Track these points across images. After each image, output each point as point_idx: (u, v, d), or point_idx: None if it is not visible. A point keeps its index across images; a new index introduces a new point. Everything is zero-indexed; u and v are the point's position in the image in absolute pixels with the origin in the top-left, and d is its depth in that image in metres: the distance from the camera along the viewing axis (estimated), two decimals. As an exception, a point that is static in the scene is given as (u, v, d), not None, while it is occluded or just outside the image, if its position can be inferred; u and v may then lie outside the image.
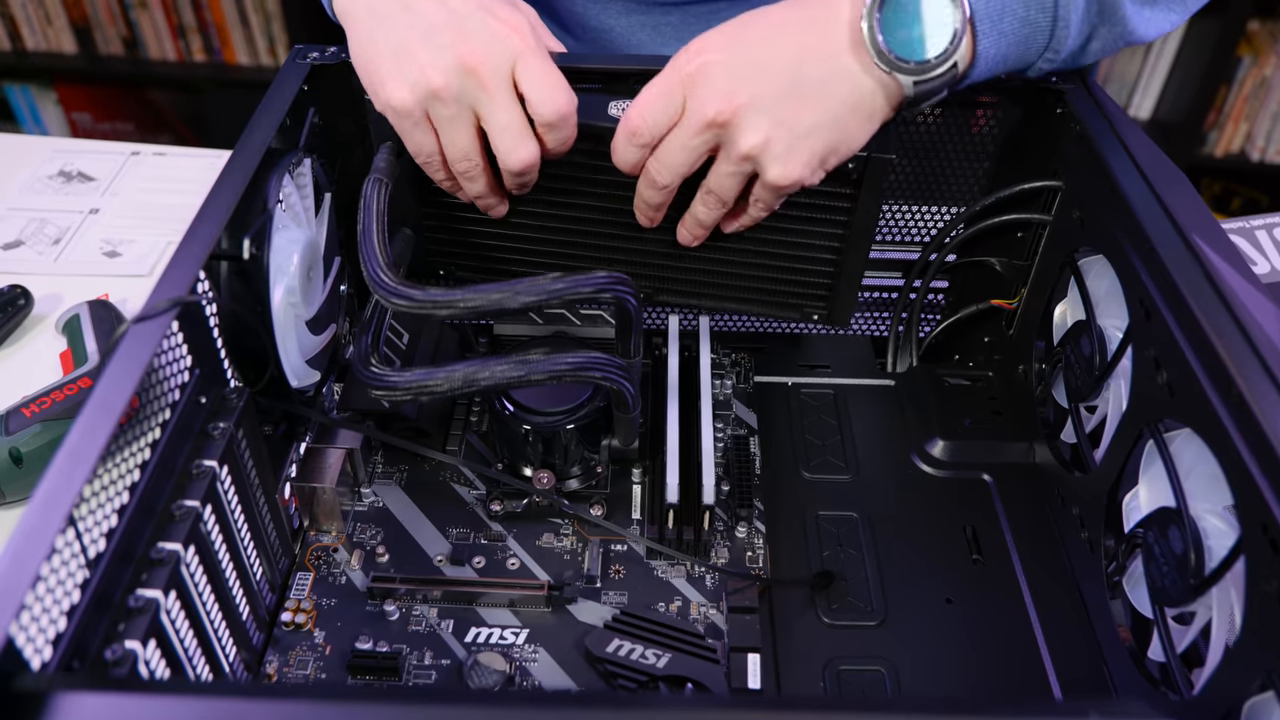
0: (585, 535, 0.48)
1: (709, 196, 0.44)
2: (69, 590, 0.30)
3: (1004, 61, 0.42)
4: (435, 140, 0.43)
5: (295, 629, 0.44)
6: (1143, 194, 0.41)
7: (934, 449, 0.53)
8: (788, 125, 0.40)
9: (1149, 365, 0.40)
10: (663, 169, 0.42)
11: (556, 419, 0.47)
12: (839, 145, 0.41)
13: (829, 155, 0.41)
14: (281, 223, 0.44)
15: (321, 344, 0.49)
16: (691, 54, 0.41)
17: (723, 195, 0.43)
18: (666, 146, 0.42)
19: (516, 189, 0.46)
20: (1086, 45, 0.43)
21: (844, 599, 0.46)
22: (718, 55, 0.40)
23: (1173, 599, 0.38)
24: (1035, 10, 0.40)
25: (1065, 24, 0.41)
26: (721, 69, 0.40)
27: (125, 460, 0.33)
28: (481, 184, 0.45)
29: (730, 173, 0.42)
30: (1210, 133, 1.46)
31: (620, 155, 0.43)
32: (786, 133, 0.40)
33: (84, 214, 0.69)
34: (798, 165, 0.40)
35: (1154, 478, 0.41)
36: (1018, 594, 0.47)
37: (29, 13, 1.52)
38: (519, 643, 0.43)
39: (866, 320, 0.59)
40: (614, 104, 0.47)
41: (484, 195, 0.46)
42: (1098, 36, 0.43)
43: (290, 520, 0.47)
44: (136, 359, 0.33)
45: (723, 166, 0.42)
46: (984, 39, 0.40)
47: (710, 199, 0.44)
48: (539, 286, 0.40)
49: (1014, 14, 0.40)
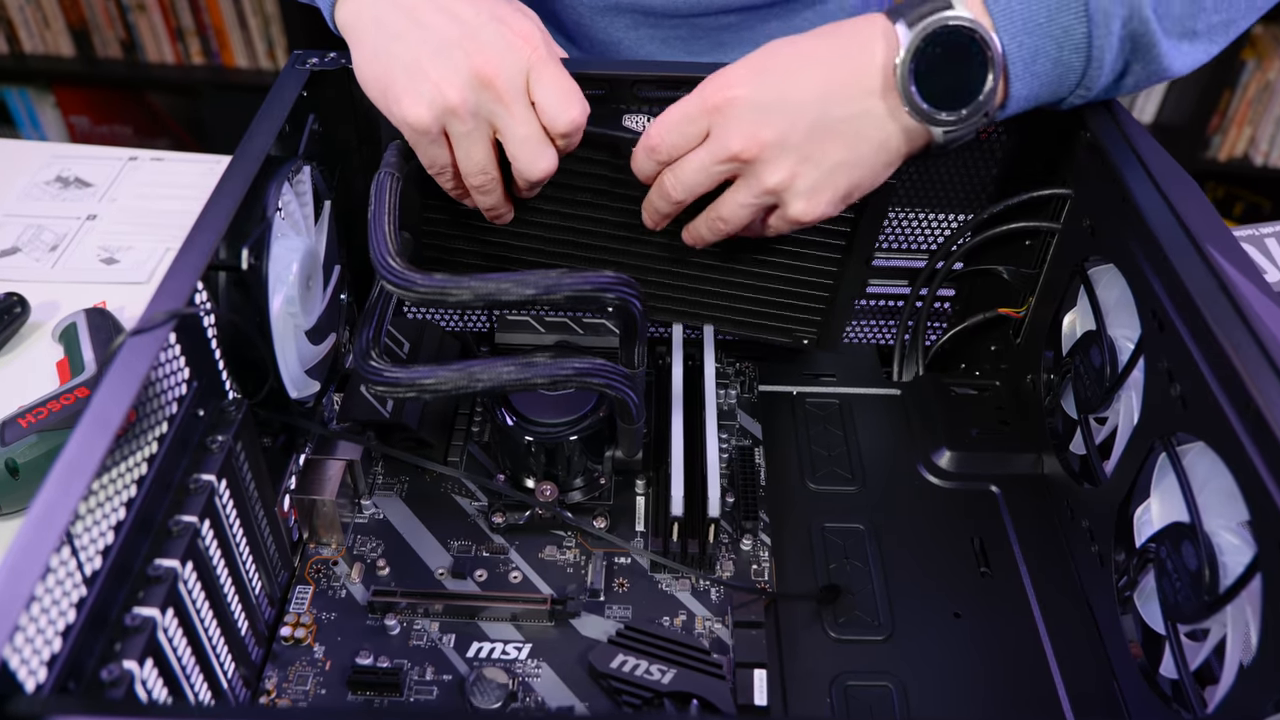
0: (589, 548, 0.47)
1: (717, 222, 0.43)
2: (64, 610, 0.30)
3: (1035, 100, 0.41)
4: (450, 154, 0.43)
5: (295, 644, 0.43)
6: (1156, 203, 0.41)
7: (941, 459, 0.52)
8: (813, 162, 0.40)
9: (1162, 377, 0.39)
10: (678, 184, 0.42)
11: (559, 430, 0.46)
12: (862, 182, 0.42)
13: (852, 191, 0.42)
14: (280, 231, 0.43)
15: (321, 354, 0.48)
16: (719, 86, 0.40)
17: (733, 223, 0.43)
18: (685, 165, 0.42)
19: (527, 194, 0.46)
20: (1120, 81, 0.42)
21: (851, 613, 0.45)
22: (744, 90, 0.40)
23: (1186, 616, 0.37)
24: (1069, 51, 0.39)
25: (1099, 64, 0.40)
26: (747, 105, 0.39)
27: (122, 476, 0.33)
28: (496, 196, 0.45)
29: (747, 204, 0.42)
30: (1214, 137, 1.45)
31: (638, 165, 0.44)
32: (812, 169, 0.40)
33: (81, 220, 0.69)
34: (821, 202, 0.41)
35: (1166, 491, 0.40)
36: (1026, 608, 0.46)
37: (26, 16, 1.52)
38: (521, 658, 0.43)
39: (872, 328, 0.58)
40: (628, 117, 0.47)
41: (496, 206, 0.46)
42: (1131, 73, 0.41)
43: (289, 533, 0.46)
44: (133, 373, 0.33)
45: (740, 196, 0.42)
46: (1016, 82, 0.40)
47: (718, 225, 0.44)
48: (543, 280, 0.39)
49: (1047, 55, 0.39)
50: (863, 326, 0.58)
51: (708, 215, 0.44)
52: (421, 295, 0.39)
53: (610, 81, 0.47)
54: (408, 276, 0.39)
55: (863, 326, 0.58)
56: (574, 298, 0.40)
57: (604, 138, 0.46)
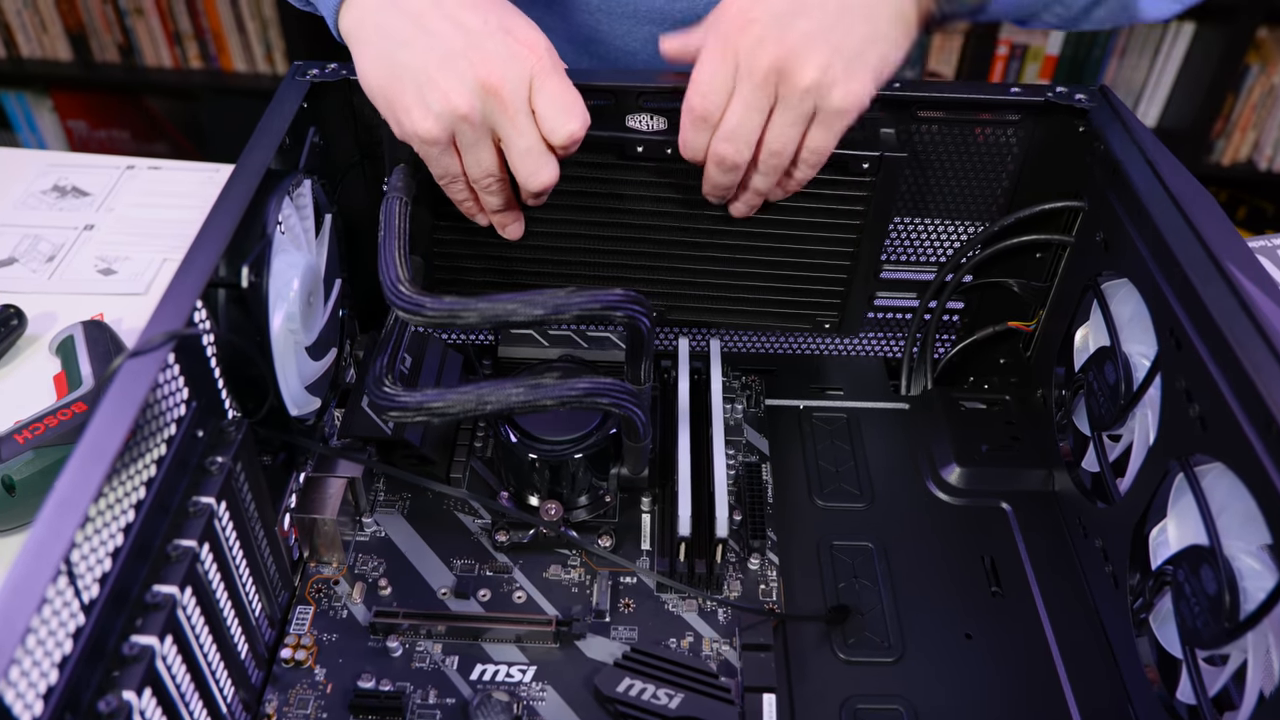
0: (594, 567, 0.47)
1: (771, 159, 0.43)
2: (60, 641, 0.29)
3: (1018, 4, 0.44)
4: (459, 162, 0.43)
5: (295, 666, 0.42)
6: (1172, 217, 0.40)
7: (950, 476, 0.52)
8: (841, 47, 0.40)
9: (1180, 397, 0.39)
10: (732, 139, 0.42)
11: (564, 447, 0.46)
12: (888, 56, 0.41)
13: (882, 68, 0.41)
14: (281, 247, 0.42)
15: (321, 370, 0.47)
16: (733, 20, 0.41)
17: (784, 149, 0.42)
18: (730, 115, 0.41)
19: (533, 204, 0.46)
20: (1091, 10, 0.44)
21: (860, 634, 0.45)
22: (758, 11, 0.40)
23: (1205, 641, 0.36)
24: None
25: None
26: (766, 21, 0.40)
27: (119, 501, 0.32)
28: (501, 199, 0.45)
29: (792, 120, 0.41)
30: (1217, 141, 1.45)
31: (690, 143, 0.43)
32: (841, 55, 0.40)
33: (78, 230, 0.68)
34: (856, 85, 0.40)
35: (1184, 512, 0.39)
36: (1039, 629, 0.45)
37: (24, 20, 1.51)
38: (526, 680, 0.42)
39: (879, 341, 0.57)
40: (630, 117, 0.46)
41: (502, 210, 0.46)
42: (1104, 4, 0.44)
43: (289, 552, 0.46)
44: (131, 397, 0.32)
45: (783, 117, 0.41)
46: None
47: (771, 162, 0.43)
48: (553, 299, 0.39)
49: None
50: (870, 339, 0.57)
51: (761, 160, 0.43)
52: (431, 319, 0.39)
53: (615, 93, 0.47)
54: (417, 300, 0.39)
55: (870, 339, 0.57)
56: (583, 316, 0.39)
57: (609, 140, 0.46)
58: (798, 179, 0.45)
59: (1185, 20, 1.37)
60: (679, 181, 0.47)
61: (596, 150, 0.47)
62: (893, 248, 0.53)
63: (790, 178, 0.45)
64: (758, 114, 0.41)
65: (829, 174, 0.45)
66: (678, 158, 0.45)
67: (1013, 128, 0.48)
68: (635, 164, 0.47)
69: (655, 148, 0.46)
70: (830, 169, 0.45)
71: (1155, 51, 1.41)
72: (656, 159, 0.47)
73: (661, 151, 0.46)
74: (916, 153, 0.49)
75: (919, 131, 0.48)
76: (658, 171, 0.47)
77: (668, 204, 0.49)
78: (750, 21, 0.40)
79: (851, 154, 0.45)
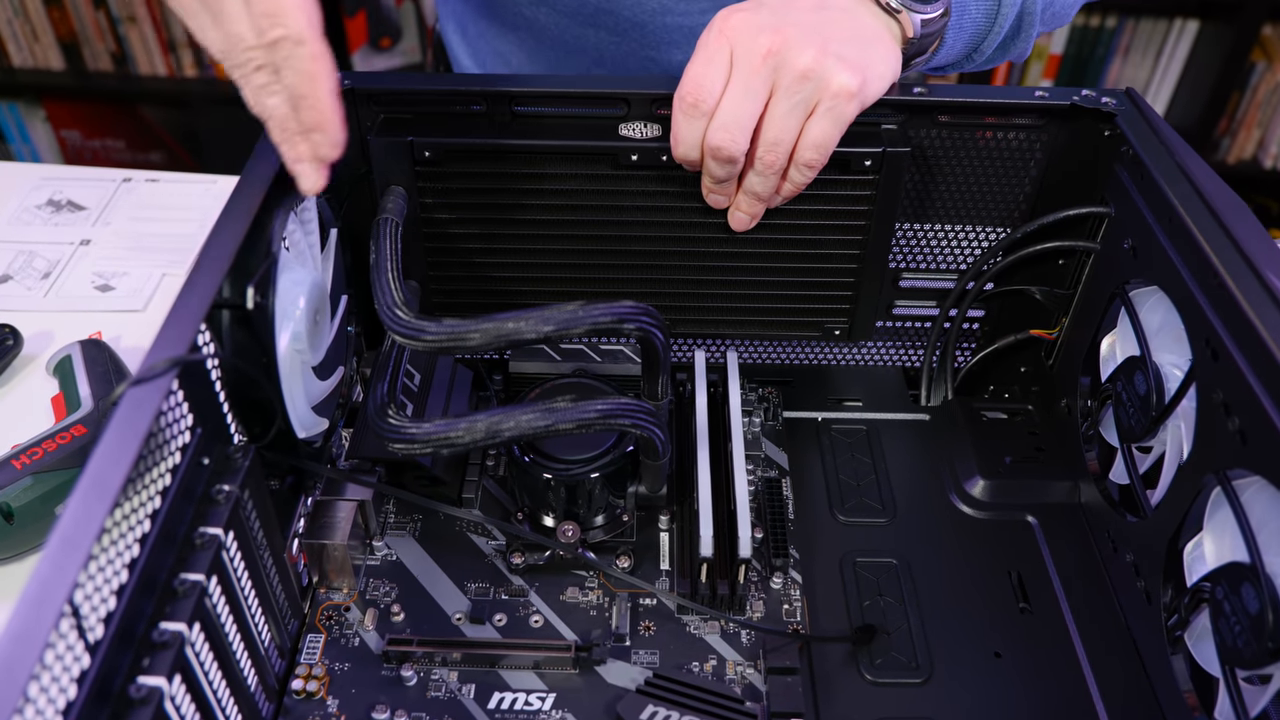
0: (612, 589, 0.45)
1: (769, 152, 0.42)
2: (64, 686, 0.28)
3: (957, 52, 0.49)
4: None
5: (307, 698, 0.41)
6: (1208, 223, 0.39)
7: (974, 488, 0.50)
8: (832, 40, 0.41)
9: (1217, 410, 0.38)
10: (730, 129, 0.41)
11: (581, 467, 0.44)
12: (874, 60, 0.42)
13: (868, 72, 0.42)
14: (286, 264, 0.41)
15: (329, 389, 0.46)
16: (725, 14, 0.42)
17: (782, 140, 0.42)
18: (728, 103, 0.41)
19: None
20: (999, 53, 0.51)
21: (887, 654, 0.43)
22: (751, 8, 0.42)
23: (1246, 660, 0.35)
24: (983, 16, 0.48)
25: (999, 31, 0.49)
26: (757, 14, 0.42)
27: (124, 535, 0.31)
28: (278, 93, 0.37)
29: (790, 108, 0.41)
30: (1222, 139, 1.44)
31: (682, 136, 0.42)
32: (835, 46, 0.41)
33: (74, 245, 0.66)
34: (856, 74, 0.41)
35: (1220, 527, 0.38)
36: (1069, 646, 0.44)
37: (15, 29, 1.49)
38: (545, 708, 0.41)
39: (898, 350, 0.56)
40: (624, 126, 0.45)
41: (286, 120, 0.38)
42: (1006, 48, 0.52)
43: (299, 578, 0.44)
44: (135, 428, 0.31)
45: (782, 103, 0.41)
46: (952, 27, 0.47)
47: (769, 156, 0.42)
48: (559, 314, 0.38)
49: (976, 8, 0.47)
50: (888, 348, 0.56)
51: (758, 153, 0.43)
52: (432, 344, 0.37)
53: (628, 100, 0.46)
54: (416, 325, 0.37)
55: (888, 348, 0.56)
56: (593, 331, 0.38)
57: (602, 150, 0.45)
58: (796, 182, 0.44)
59: (1190, 18, 1.37)
60: (677, 189, 0.46)
61: (590, 161, 0.46)
62: (912, 255, 0.52)
63: (788, 181, 0.44)
64: (754, 101, 0.40)
65: (831, 174, 0.44)
66: (674, 164, 0.44)
67: (1036, 132, 0.47)
68: (631, 173, 0.46)
69: (650, 155, 0.45)
70: (832, 168, 0.44)
71: (1160, 50, 1.40)
72: (652, 166, 0.45)
73: (657, 159, 0.45)
74: (937, 158, 0.48)
75: (940, 137, 0.47)
76: (655, 180, 0.46)
77: (667, 213, 0.48)
78: (744, 17, 0.41)
79: (853, 151, 0.44)
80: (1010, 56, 0.52)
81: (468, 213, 0.48)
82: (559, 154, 0.46)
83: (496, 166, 0.46)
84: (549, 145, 0.46)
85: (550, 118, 0.46)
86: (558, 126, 0.46)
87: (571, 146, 0.46)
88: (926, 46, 0.46)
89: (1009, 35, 0.50)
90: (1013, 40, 0.50)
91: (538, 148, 0.46)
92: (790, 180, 0.44)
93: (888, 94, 0.44)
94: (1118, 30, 1.40)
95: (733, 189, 0.45)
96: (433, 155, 0.46)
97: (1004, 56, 0.52)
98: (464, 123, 0.46)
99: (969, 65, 0.51)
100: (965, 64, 0.51)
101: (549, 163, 0.46)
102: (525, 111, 0.46)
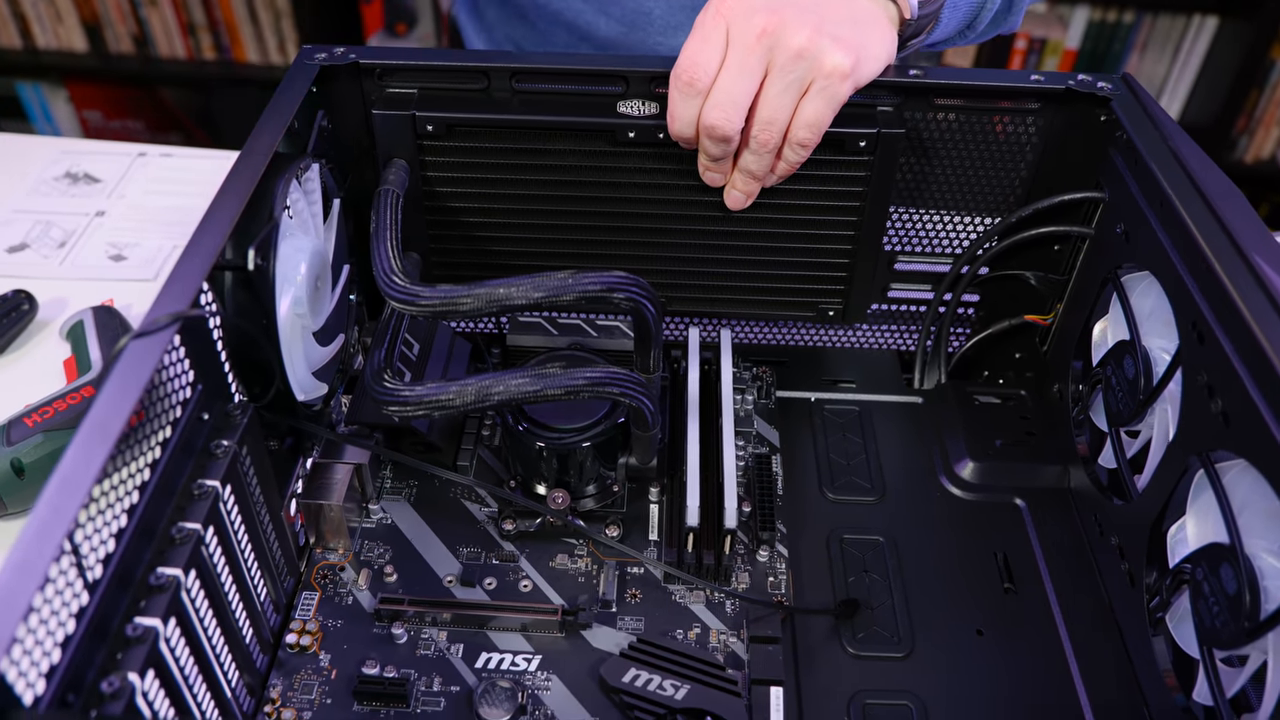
0: (601, 557, 0.46)
1: (763, 131, 0.43)
2: (63, 620, 0.29)
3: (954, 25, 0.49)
4: None
5: (300, 651, 0.42)
6: (1197, 208, 0.39)
7: (963, 470, 0.51)
8: (828, 21, 0.41)
9: (1201, 392, 0.38)
10: (725, 107, 0.42)
11: (572, 436, 0.45)
12: (868, 41, 0.43)
13: (862, 52, 0.42)
14: (288, 231, 0.42)
15: (329, 356, 0.47)
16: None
17: (777, 118, 0.42)
18: (723, 81, 0.41)
19: None
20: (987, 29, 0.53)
21: (870, 628, 0.44)
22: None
23: (1223, 641, 0.36)
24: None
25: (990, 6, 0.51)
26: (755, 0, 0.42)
27: (124, 482, 0.32)
28: None
29: (784, 87, 0.41)
30: (1240, 138, 1.42)
31: (678, 115, 0.43)
32: (830, 26, 0.41)
33: (90, 216, 0.68)
34: (845, 48, 0.41)
35: (1203, 510, 0.38)
36: (1052, 626, 0.45)
37: (39, 11, 1.52)
38: (531, 669, 0.42)
39: (893, 333, 0.57)
40: (621, 103, 0.46)
41: None
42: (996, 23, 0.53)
43: (296, 537, 0.45)
44: (136, 377, 0.32)
45: (776, 83, 0.42)
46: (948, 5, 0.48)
47: (763, 135, 0.43)
48: (549, 282, 0.38)
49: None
50: (884, 332, 0.57)
51: (752, 133, 0.43)
52: (427, 308, 0.38)
53: (626, 78, 0.46)
54: (411, 290, 0.38)
55: (884, 332, 0.57)
56: (583, 299, 0.39)
57: (599, 127, 0.45)
58: (790, 161, 0.44)
59: (1208, 14, 1.35)
60: (674, 167, 0.47)
61: (588, 138, 0.46)
62: (907, 238, 0.52)
63: (782, 160, 0.44)
64: (749, 79, 0.41)
65: (826, 154, 0.45)
66: (671, 142, 0.44)
67: (1032, 116, 0.47)
68: (628, 150, 0.47)
69: (647, 133, 0.46)
70: (827, 149, 0.44)
71: (1178, 46, 1.39)
72: (649, 144, 0.46)
73: (654, 136, 0.46)
74: (933, 141, 0.48)
75: (936, 120, 0.47)
76: (652, 158, 0.47)
77: (664, 190, 0.48)
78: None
79: (848, 132, 0.45)
80: (1001, 30, 0.53)
81: (469, 186, 0.49)
82: (558, 130, 0.47)
83: (497, 141, 0.47)
84: (548, 121, 0.46)
85: (550, 94, 0.47)
86: (557, 103, 0.47)
87: (570, 123, 0.46)
88: (923, 27, 0.46)
89: (1002, 9, 0.51)
90: (1005, 14, 0.52)
91: (537, 123, 0.46)
92: (784, 159, 0.44)
93: (883, 76, 0.45)
94: (1135, 26, 1.38)
95: (728, 167, 0.46)
96: (435, 129, 0.47)
97: (995, 31, 0.53)
98: (466, 98, 0.47)
99: (962, 41, 0.52)
100: (958, 40, 0.52)
101: (548, 138, 0.47)
102: (526, 88, 0.47)
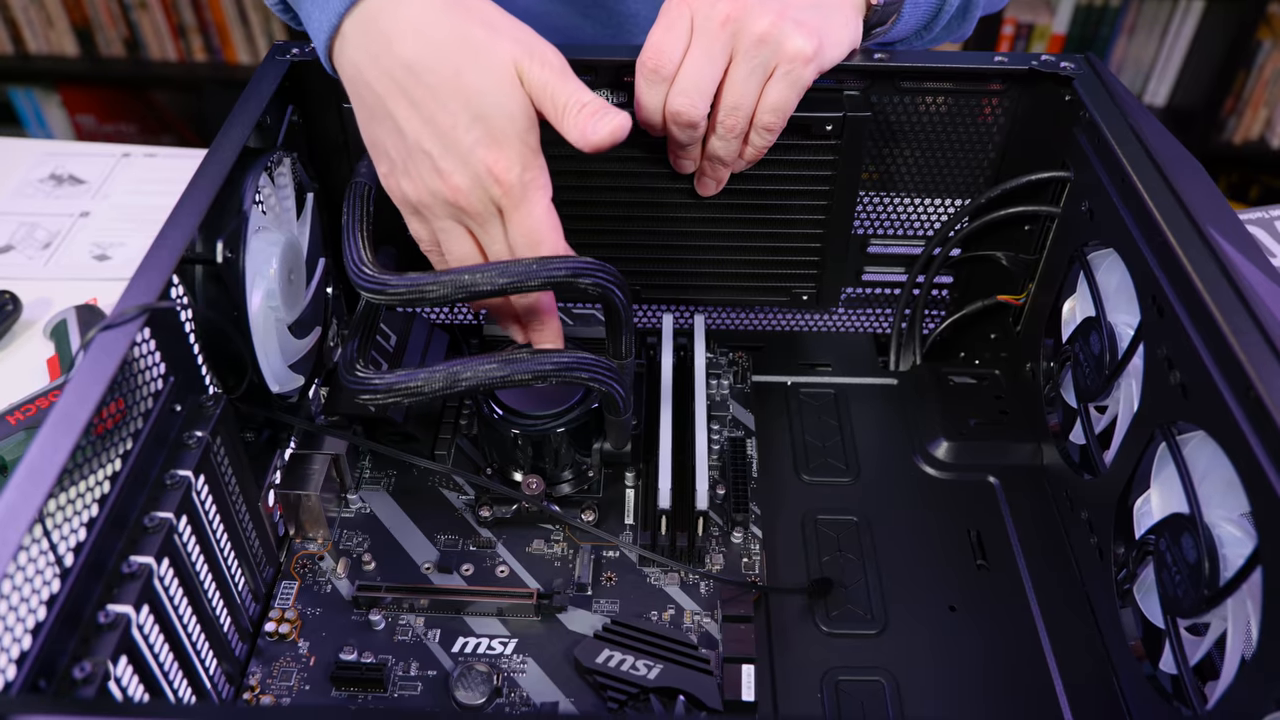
0: (576, 541, 0.47)
1: (729, 116, 0.43)
2: (34, 607, 0.29)
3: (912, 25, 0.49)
4: (432, 232, 0.42)
5: (279, 639, 0.43)
6: (1155, 184, 0.40)
7: (937, 450, 0.51)
8: (791, 6, 0.42)
9: (1161, 365, 0.38)
10: (690, 94, 0.42)
11: (546, 422, 0.46)
12: (832, 26, 0.43)
13: (826, 37, 0.42)
14: (260, 224, 0.42)
15: (305, 348, 0.47)
16: None
17: (742, 103, 0.43)
18: (688, 68, 0.41)
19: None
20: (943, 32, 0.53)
21: (843, 606, 0.45)
22: None
23: (1185, 609, 0.36)
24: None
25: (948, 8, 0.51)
26: None
27: (95, 472, 0.32)
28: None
29: (749, 72, 0.42)
30: (1229, 119, 1.42)
31: (644, 101, 0.43)
32: (793, 11, 0.42)
33: (74, 217, 0.69)
34: (808, 32, 0.42)
35: (1166, 482, 0.39)
36: (1024, 601, 0.45)
37: (30, 15, 1.52)
38: (507, 653, 0.42)
39: (868, 317, 0.57)
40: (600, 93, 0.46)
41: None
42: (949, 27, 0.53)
43: (274, 528, 0.46)
44: (102, 369, 0.32)
45: (741, 68, 0.42)
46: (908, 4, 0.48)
47: (729, 120, 0.43)
48: (514, 268, 0.39)
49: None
50: (859, 315, 0.57)
51: (718, 118, 0.43)
52: (396, 296, 0.39)
53: (595, 67, 0.47)
54: (380, 279, 0.39)
55: (859, 315, 0.57)
56: (549, 284, 0.39)
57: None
58: (758, 145, 0.44)
59: (1195, -5, 1.35)
60: (644, 155, 0.47)
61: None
62: (879, 221, 0.53)
63: (749, 145, 0.44)
64: (713, 65, 0.41)
65: (793, 139, 0.45)
66: (640, 131, 0.45)
67: (998, 97, 0.47)
68: None
69: None
70: (793, 133, 0.45)
71: (1165, 29, 1.39)
72: None
73: None
74: (901, 124, 0.49)
75: (903, 103, 0.48)
76: (623, 146, 0.47)
77: (635, 179, 0.48)
78: None
79: (814, 116, 0.45)
80: (953, 37, 0.54)
81: None
82: None
83: None
84: None
85: None
86: None
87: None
88: (887, 16, 0.46)
89: (956, 16, 0.52)
90: (959, 20, 0.52)
91: None
92: (751, 144, 0.45)
93: (849, 60, 0.45)
94: (1123, 9, 1.38)
95: (697, 154, 0.46)
96: None
97: (948, 36, 0.53)
98: None
99: (919, 42, 0.52)
100: (916, 41, 0.52)
101: None
102: None
